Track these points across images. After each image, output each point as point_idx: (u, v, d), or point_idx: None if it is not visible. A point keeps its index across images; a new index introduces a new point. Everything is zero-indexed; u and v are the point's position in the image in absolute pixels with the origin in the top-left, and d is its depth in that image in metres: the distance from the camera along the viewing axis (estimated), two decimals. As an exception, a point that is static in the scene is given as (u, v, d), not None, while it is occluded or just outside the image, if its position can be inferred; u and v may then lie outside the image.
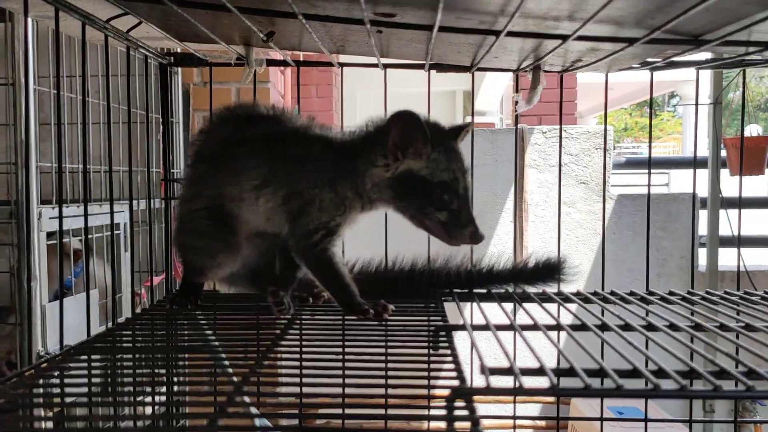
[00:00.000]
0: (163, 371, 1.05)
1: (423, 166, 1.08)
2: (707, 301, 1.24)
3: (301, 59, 1.84)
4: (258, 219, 1.16)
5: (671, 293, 1.30)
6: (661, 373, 0.82)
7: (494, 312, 1.16)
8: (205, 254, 1.19)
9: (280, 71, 3.43)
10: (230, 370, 0.92)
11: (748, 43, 0.99)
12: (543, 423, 3.55)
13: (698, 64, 1.27)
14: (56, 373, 0.93)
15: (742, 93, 1.58)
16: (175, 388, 1.03)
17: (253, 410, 0.88)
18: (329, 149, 1.13)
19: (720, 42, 0.94)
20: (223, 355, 0.98)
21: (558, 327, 1.07)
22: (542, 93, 1.38)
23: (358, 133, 1.15)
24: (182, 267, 1.24)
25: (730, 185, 3.62)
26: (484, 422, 0.74)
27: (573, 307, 1.21)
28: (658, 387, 0.78)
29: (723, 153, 3.65)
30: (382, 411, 0.81)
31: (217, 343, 1.01)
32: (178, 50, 1.40)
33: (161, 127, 1.46)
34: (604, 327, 1.06)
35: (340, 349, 1.00)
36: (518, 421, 3.46)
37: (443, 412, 0.75)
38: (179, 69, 2.85)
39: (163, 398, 1.06)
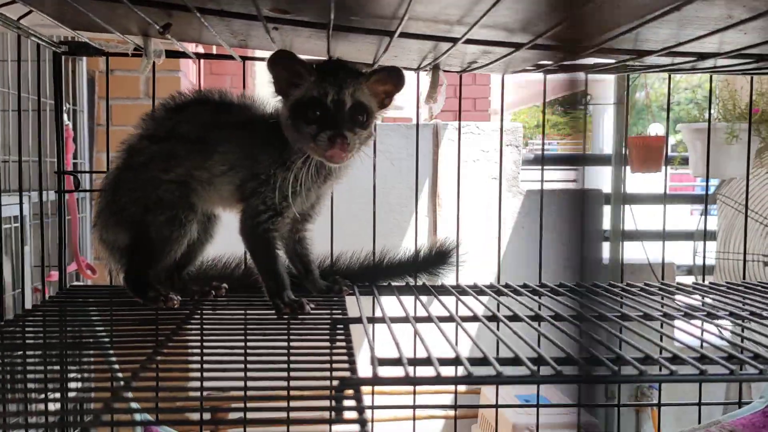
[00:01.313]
0: (57, 368, 1.03)
1: (302, 93, 1.11)
2: (591, 293, 1.31)
3: (215, 51, 1.82)
4: (218, 198, 1.22)
5: (561, 285, 1.37)
6: (540, 360, 0.87)
7: (408, 304, 1.20)
8: (170, 227, 1.17)
9: (192, 62, 3.36)
10: (116, 366, 0.91)
11: (626, 51, 1.06)
12: (458, 412, 3.64)
13: (587, 69, 1.34)
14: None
15: (634, 94, 1.67)
16: (71, 385, 1.01)
17: (134, 405, 0.87)
18: (268, 126, 1.18)
19: (596, 49, 1.00)
20: (111, 352, 0.97)
21: (451, 319, 1.11)
22: (456, 90, 1.43)
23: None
24: (130, 254, 1.20)
25: (633, 182, 3.82)
26: (383, 413, 0.76)
27: (468, 301, 1.26)
28: (536, 373, 0.84)
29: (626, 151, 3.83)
30: (284, 404, 0.83)
31: (107, 339, 0.99)
32: (78, 39, 1.36)
33: (65, 114, 1.41)
34: (495, 319, 1.12)
35: (242, 343, 1.01)
36: (430, 411, 3.53)
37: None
38: (84, 57, 2.76)
39: (57, 395, 1.04)
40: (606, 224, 3.87)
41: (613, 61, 1.16)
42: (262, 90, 1.37)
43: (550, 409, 2.65)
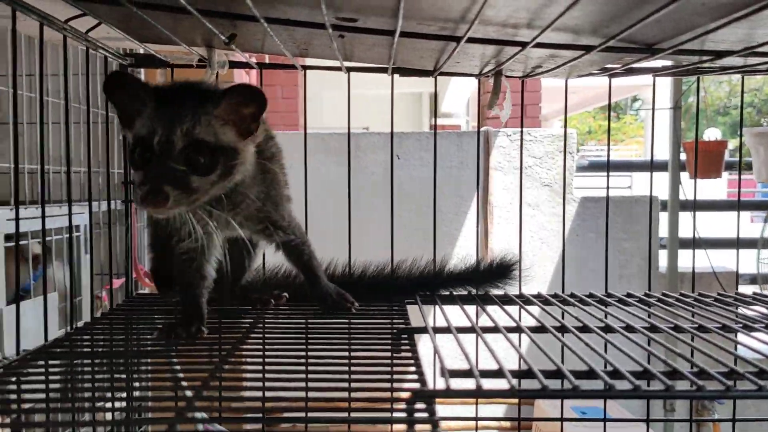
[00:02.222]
0: (123, 376, 1.04)
1: (136, 128, 0.94)
2: (663, 303, 1.27)
3: (267, 61, 1.84)
4: None
5: (629, 295, 1.33)
6: (616, 374, 0.84)
7: (459, 314, 1.17)
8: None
9: (245, 72, 3.41)
10: (181, 375, 0.91)
11: (701, 52, 1.02)
12: (508, 423, 3.59)
13: (655, 71, 1.30)
14: (13, 379, 0.91)
15: (696, 99, 1.62)
16: (136, 393, 1.02)
17: (211, 426, 0.87)
18: None
19: (673, 51, 0.97)
20: (175, 360, 0.97)
21: (518, 329, 1.09)
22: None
23: None
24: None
25: (691, 188, 3.71)
26: (448, 423, 0.74)
27: (535, 309, 1.23)
28: (613, 387, 0.80)
29: (683, 156, 3.74)
30: (345, 414, 0.82)
31: (174, 348, 1.00)
32: (141, 51, 1.39)
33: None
34: (563, 329, 1.08)
35: (303, 353, 1.00)
36: (482, 422, 3.49)
37: (404, 414, 0.76)
38: (142, 71, 2.82)
39: (123, 404, 1.05)
40: (663, 232, 3.77)
41: (687, 62, 1.12)
42: (312, 101, 1.37)
43: (611, 424, 2.57)
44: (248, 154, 1.01)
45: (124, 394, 1.10)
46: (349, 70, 1.36)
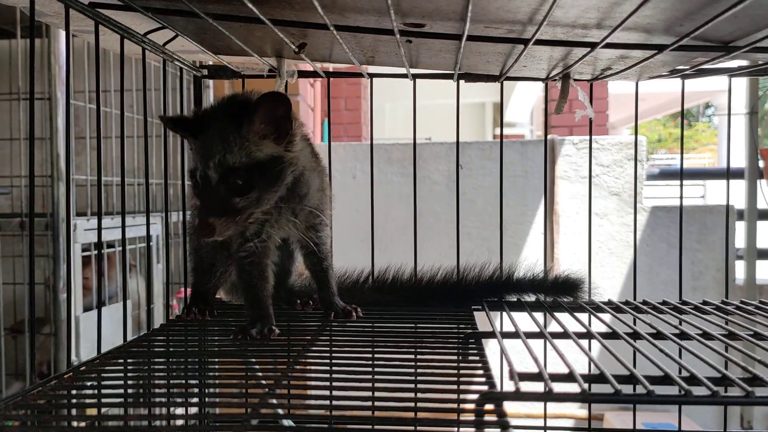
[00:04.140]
0: (196, 375, 1.07)
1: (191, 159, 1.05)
2: (742, 310, 1.22)
3: (331, 70, 1.87)
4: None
5: (705, 303, 1.28)
6: (692, 380, 0.81)
7: (527, 321, 1.16)
8: (212, 252, 1.23)
9: (310, 84, 3.47)
10: (260, 374, 0.93)
11: (781, 49, 0.98)
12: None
13: (730, 72, 1.26)
14: (93, 375, 0.95)
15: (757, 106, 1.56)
16: (209, 390, 1.05)
17: (286, 422, 0.89)
18: None
19: (750, 48, 0.94)
20: (253, 360, 1.00)
21: (588, 335, 1.07)
22: (572, 104, 1.38)
23: None
24: (191, 274, 1.29)
25: None
26: None
27: (604, 317, 1.20)
28: (690, 393, 0.78)
29: (761, 164, 3.59)
30: (411, 414, 0.82)
31: (246, 350, 1.03)
32: (211, 63, 1.44)
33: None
34: (635, 335, 1.06)
35: (370, 355, 1.01)
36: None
37: (473, 417, 0.76)
38: (210, 84, 2.91)
39: (196, 399, 1.08)
40: (740, 242, 3.62)
41: (763, 61, 1.08)
42: (375, 112, 1.39)
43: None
44: (293, 154, 1.06)
45: (197, 391, 1.13)
46: (414, 77, 1.37)
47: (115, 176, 2.55)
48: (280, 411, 0.83)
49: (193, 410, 0.97)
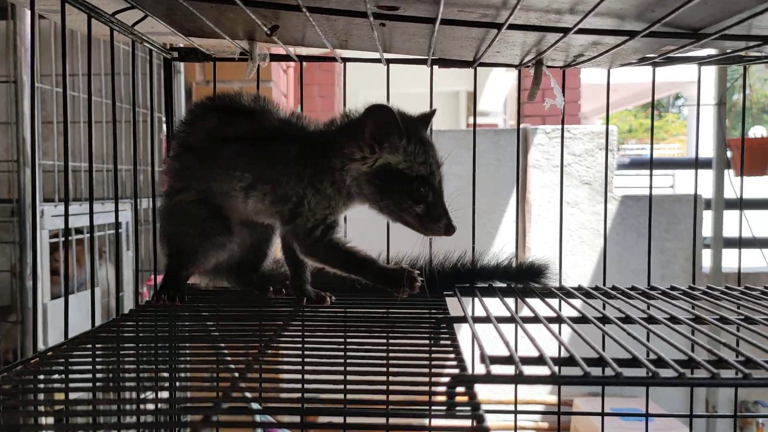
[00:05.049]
0: (166, 360, 1.06)
1: (401, 160, 1.10)
2: (708, 295, 1.24)
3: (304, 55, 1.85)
4: (249, 212, 1.18)
5: (672, 288, 1.31)
6: (660, 362, 0.83)
7: (499, 306, 1.17)
8: (198, 239, 1.19)
9: (283, 70, 3.44)
10: (229, 358, 0.93)
11: (748, 38, 1.00)
12: (546, 425, 3.56)
13: (699, 60, 1.28)
14: (61, 361, 0.94)
15: (743, 91, 1.58)
16: (179, 375, 1.04)
17: (255, 405, 0.89)
18: (307, 146, 1.14)
19: (719, 36, 0.95)
20: (222, 345, 0.99)
21: (559, 320, 1.08)
22: (545, 93, 1.39)
23: (333, 127, 1.17)
24: (168, 259, 1.25)
25: (736, 186, 3.62)
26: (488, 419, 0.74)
27: (575, 302, 1.21)
28: (657, 375, 0.79)
29: (729, 154, 3.65)
30: (383, 397, 0.82)
31: (217, 334, 1.02)
32: (182, 46, 1.41)
33: (164, 124, 1.46)
34: (604, 320, 1.07)
35: (342, 340, 1.01)
36: (520, 422, 3.46)
37: (444, 400, 0.76)
38: (182, 68, 2.87)
39: (167, 384, 1.07)
40: (707, 231, 3.69)
41: (732, 48, 1.10)
42: (349, 99, 1.38)
43: (650, 424, 2.53)
44: None
45: (168, 375, 1.12)
46: (388, 62, 1.36)
47: (83, 162, 2.50)
48: (250, 395, 0.83)
49: (164, 395, 0.96)
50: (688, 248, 3.54)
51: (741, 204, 1.58)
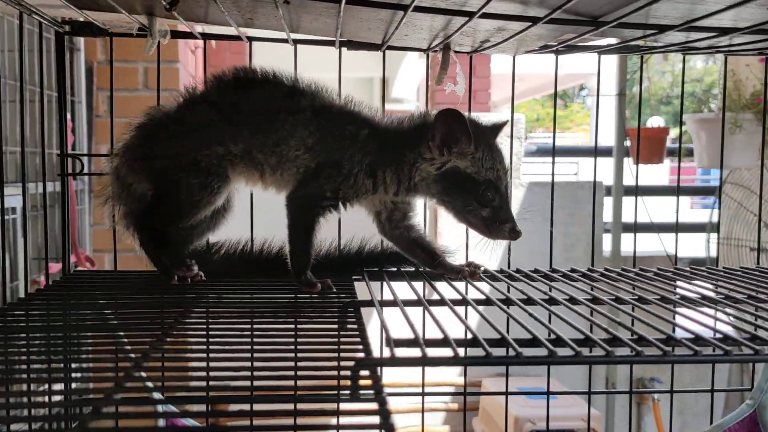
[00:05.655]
0: (59, 351, 1.01)
1: (469, 165, 1.15)
2: (606, 277, 1.29)
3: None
4: (270, 182, 1.20)
5: (573, 270, 1.35)
6: (558, 341, 0.85)
7: (408, 290, 1.17)
8: (201, 192, 1.16)
9: (191, 50, 3.33)
10: (128, 348, 0.89)
11: (645, 26, 1.04)
12: (456, 405, 3.64)
13: (600, 49, 1.32)
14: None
15: (639, 81, 1.65)
16: (73, 366, 0.99)
17: (156, 395, 0.85)
18: (376, 134, 1.18)
19: (617, 23, 0.98)
20: (122, 333, 0.95)
21: (465, 302, 1.09)
22: (455, 81, 1.39)
23: (402, 124, 1.21)
24: (153, 209, 1.19)
25: (634, 174, 3.79)
26: (396, 406, 0.74)
27: (482, 285, 1.23)
28: (555, 354, 0.82)
29: (627, 143, 3.82)
30: (291, 383, 0.81)
31: (115, 322, 0.97)
32: (80, 19, 1.33)
33: (62, 102, 1.37)
34: (508, 302, 1.09)
35: (249, 326, 0.99)
36: (432, 404, 3.52)
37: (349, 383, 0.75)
38: (82, 46, 2.72)
39: (61, 375, 1.02)
40: (607, 216, 3.85)
41: (631, 37, 1.14)
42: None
43: (552, 401, 2.63)
44: None
45: (62, 366, 1.06)
46: (295, 42, 1.34)
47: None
48: (150, 384, 0.79)
49: (58, 387, 0.91)
50: (589, 232, 3.69)
51: (636, 191, 1.65)
